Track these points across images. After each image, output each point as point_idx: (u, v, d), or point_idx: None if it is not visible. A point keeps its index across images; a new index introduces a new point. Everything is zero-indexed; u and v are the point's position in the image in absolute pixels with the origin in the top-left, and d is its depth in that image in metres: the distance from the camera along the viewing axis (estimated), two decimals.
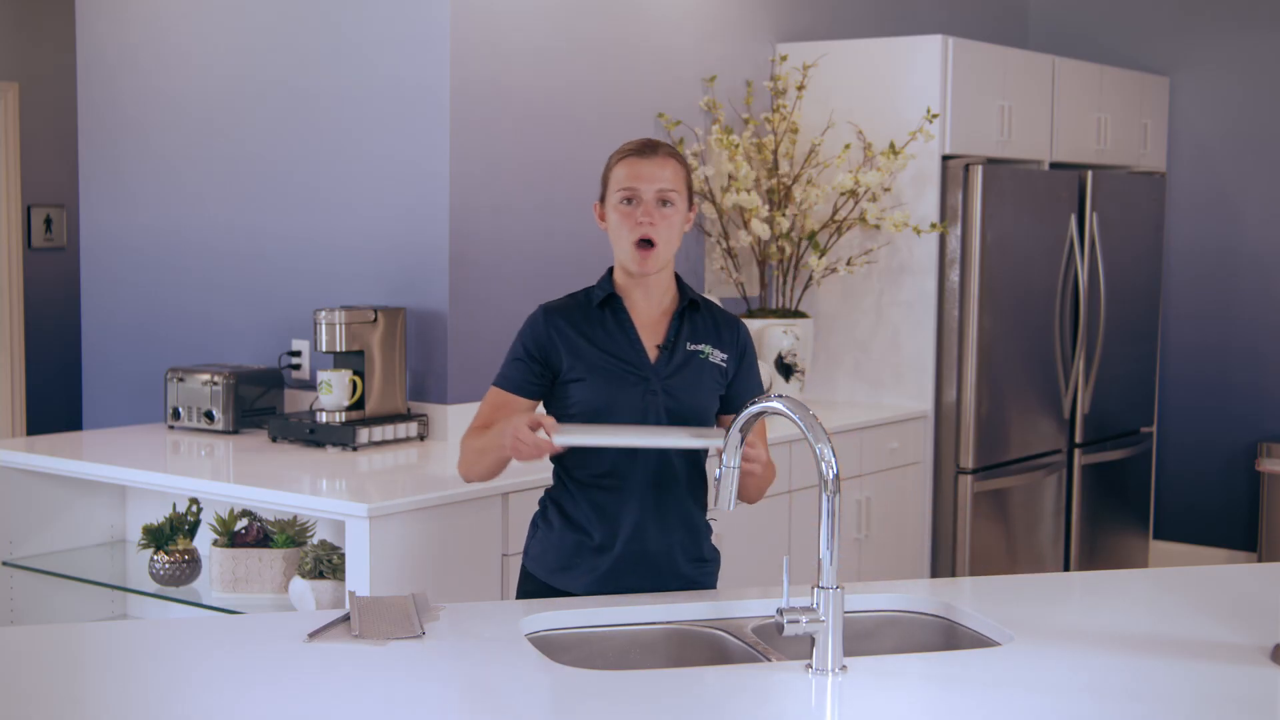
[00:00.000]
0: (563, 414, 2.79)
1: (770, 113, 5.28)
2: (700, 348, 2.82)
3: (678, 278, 2.87)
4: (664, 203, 2.76)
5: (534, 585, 2.86)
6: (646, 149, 2.79)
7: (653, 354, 2.80)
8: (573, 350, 2.77)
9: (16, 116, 6.83)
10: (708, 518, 2.90)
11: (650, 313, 2.83)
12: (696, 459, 2.84)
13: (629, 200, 2.76)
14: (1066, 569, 5.86)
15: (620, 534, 2.78)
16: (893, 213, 5.17)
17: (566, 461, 2.82)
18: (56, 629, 2.52)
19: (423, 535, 3.51)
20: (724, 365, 2.84)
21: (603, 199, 2.83)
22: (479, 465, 2.81)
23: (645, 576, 2.79)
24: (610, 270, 2.86)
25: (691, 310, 2.85)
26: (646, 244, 2.75)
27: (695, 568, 2.85)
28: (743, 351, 2.87)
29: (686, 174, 2.82)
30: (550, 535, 2.84)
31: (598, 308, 2.80)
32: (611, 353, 2.77)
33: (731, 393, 2.86)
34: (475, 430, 2.83)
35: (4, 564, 4.03)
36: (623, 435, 2.69)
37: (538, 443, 2.60)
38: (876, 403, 5.38)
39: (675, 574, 2.82)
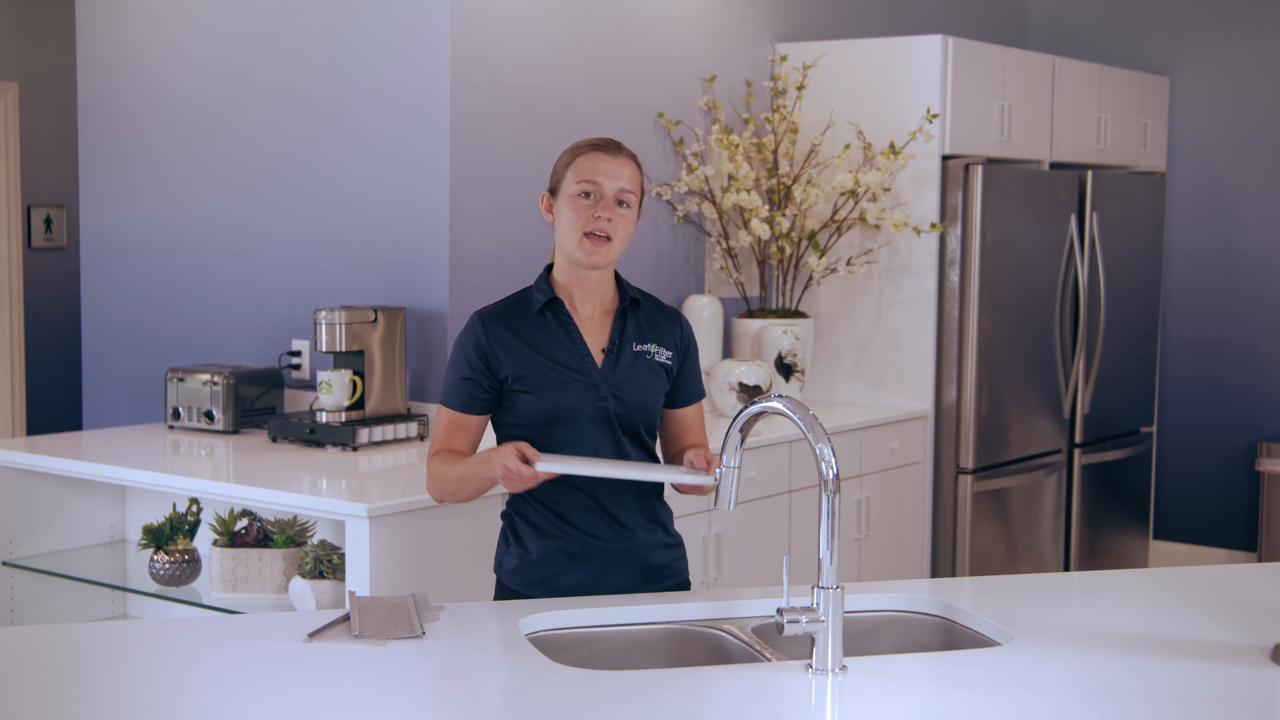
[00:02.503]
0: (512, 423, 2.75)
1: (770, 113, 5.28)
2: (646, 347, 2.79)
3: (617, 275, 2.83)
4: (621, 203, 2.73)
5: (510, 598, 2.81)
6: (610, 146, 2.76)
7: (598, 357, 2.75)
8: (516, 359, 2.72)
9: (16, 116, 6.83)
10: (664, 498, 2.89)
11: (591, 313, 2.78)
12: (649, 449, 2.82)
13: (587, 194, 2.72)
14: (1066, 569, 5.86)
15: (589, 535, 2.75)
16: (893, 213, 5.17)
17: None
18: (56, 629, 2.52)
19: (423, 535, 3.51)
20: (669, 364, 2.81)
21: (553, 191, 2.77)
22: (461, 492, 2.75)
23: (622, 572, 2.76)
24: (547, 270, 2.81)
25: (633, 308, 2.81)
26: (600, 237, 2.71)
27: (667, 553, 2.83)
28: (686, 347, 2.85)
29: (643, 179, 2.80)
30: (523, 550, 2.78)
31: (538, 313, 2.75)
32: (557, 359, 2.72)
33: (675, 389, 2.83)
34: (443, 455, 2.76)
35: (4, 564, 4.03)
36: (607, 468, 2.64)
37: (532, 475, 2.57)
38: (876, 403, 5.38)
39: (649, 564, 2.79)
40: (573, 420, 2.71)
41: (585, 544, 2.75)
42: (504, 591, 2.83)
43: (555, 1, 4.63)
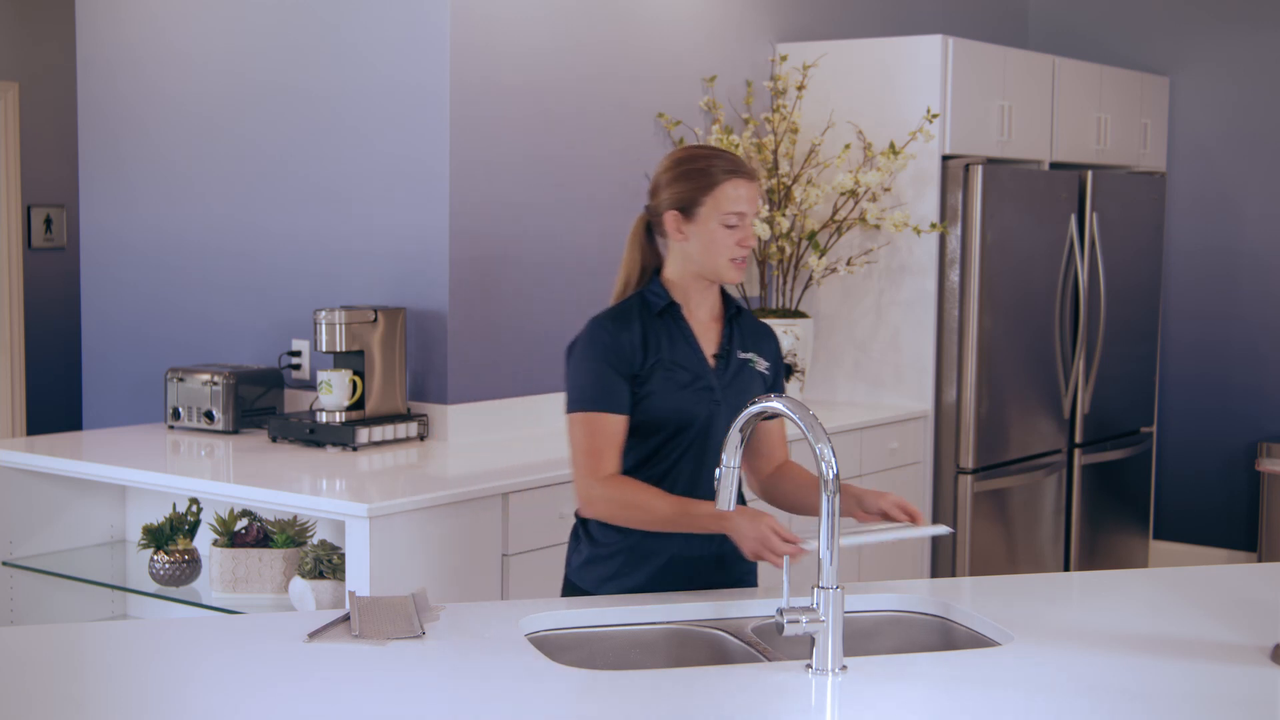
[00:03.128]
0: (630, 425, 2.75)
1: (770, 113, 5.28)
2: (749, 356, 2.83)
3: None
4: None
5: (576, 594, 2.82)
6: (747, 171, 2.76)
7: (710, 362, 2.79)
8: (641, 358, 2.74)
9: (16, 116, 6.83)
10: None
11: (703, 319, 2.82)
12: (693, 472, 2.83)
13: (732, 225, 2.73)
14: (1066, 569, 5.86)
15: (668, 541, 2.75)
16: (893, 213, 5.17)
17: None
18: (56, 629, 2.52)
19: (423, 535, 3.51)
20: (766, 374, 2.85)
21: (687, 209, 2.75)
22: (652, 524, 2.69)
23: (692, 581, 2.77)
24: (656, 277, 2.82)
25: (738, 318, 2.86)
26: (742, 260, 2.76)
27: (743, 571, 2.85)
28: (778, 360, 2.90)
29: None
30: (595, 546, 2.80)
31: (656, 316, 2.77)
32: (678, 362, 2.75)
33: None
34: (621, 482, 2.69)
35: (4, 564, 4.03)
36: (850, 538, 2.59)
37: (794, 551, 2.49)
38: (876, 403, 5.38)
39: (722, 578, 2.81)
40: (688, 425, 2.73)
41: (662, 548, 2.75)
42: (570, 588, 2.84)
43: (555, 1, 4.63)
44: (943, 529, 2.62)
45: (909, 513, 2.67)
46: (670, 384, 2.73)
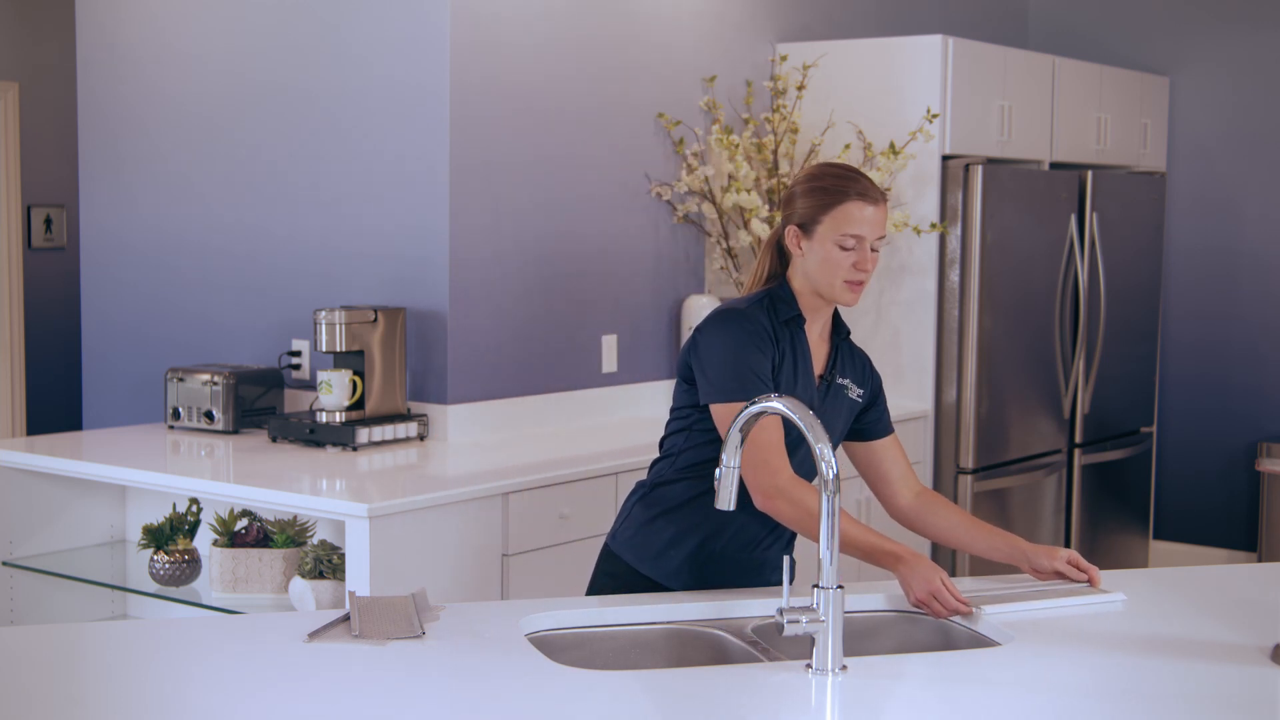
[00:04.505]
0: (712, 426, 2.73)
1: (770, 113, 5.28)
2: (846, 381, 2.83)
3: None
4: (873, 250, 2.74)
5: (619, 568, 2.83)
6: (873, 193, 2.72)
7: (816, 382, 2.79)
8: (775, 360, 2.72)
9: (16, 116, 6.83)
10: None
11: (814, 340, 2.82)
12: (811, 470, 2.83)
13: (849, 247, 2.70)
14: None
15: (724, 531, 2.77)
16: (893, 213, 5.17)
17: (681, 457, 2.79)
18: (56, 629, 2.52)
19: (423, 535, 3.51)
20: (859, 400, 2.85)
21: (804, 227, 2.74)
22: (816, 535, 2.66)
23: (738, 574, 2.79)
24: (785, 285, 2.79)
25: (841, 342, 2.85)
26: (859, 283, 2.73)
27: (778, 575, 2.86)
28: (876, 391, 2.89)
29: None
30: (650, 524, 2.81)
31: (783, 323, 2.75)
32: (795, 373, 2.74)
33: (874, 421, 2.88)
34: (781, 453, 2.66)
35: (4, 564, 4.03)
36: (1030, 603, 2.62)
37: (956, 607, 2.55)
38: None
39: (770, 576, 2.83)
40: (788, 437, 2.71)
41: (717, 538, 2.77)
42: (610, 558, 2.84)
43: (555, 2, 4.63)
44: (1118, 597, 2.64)
45: (1082, 568, 2.70)
46: (784, 392, 2.71)
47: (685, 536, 2.79)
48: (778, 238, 2.84)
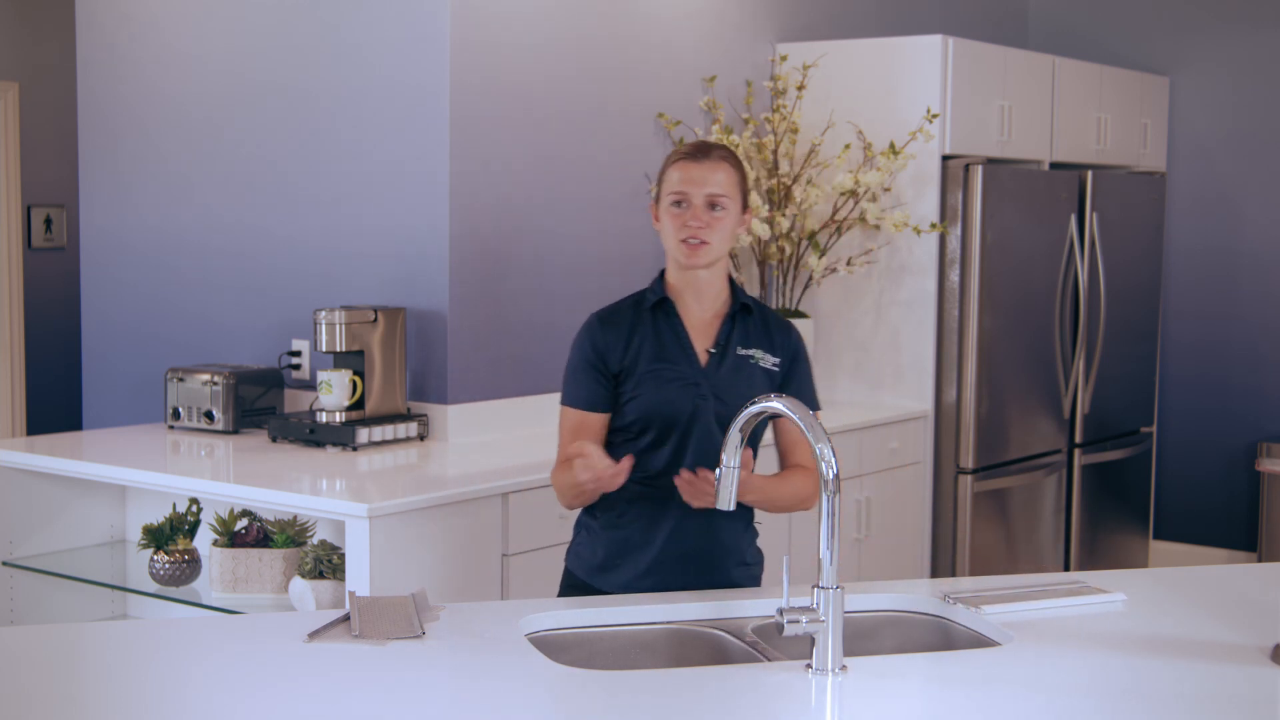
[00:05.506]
0: (621, 426, 2.80)
1: (770, 113, 5.28)
2: (751, 352, 2.83)
3: (731, 281, 2.87)
4: (714, 206, 2.76)
5: (573, 582, 2.89)
6: (699, 152, 2.79)
7: (703, 357, 2.80)
8: (625, 355, 2.79)
9: (16, 116, 6.83)
10: (755, 521, 2.94)
11: (702, 315, 2.83)
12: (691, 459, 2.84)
13: (679, 204, 2.77)
14: (1066, 569, 5.86)
15: (661, 534, 2.79)
16: (893, 213, 5.17)
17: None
18: (56, 629, 2.52)
19: (423, 535, 3.51)
20: (775, 370, 2.84)
21: (657, 199, 2.83)
22: (576, 497, 2.79)
23: (687, 576, 2.80)
24: (662, 273, 2.88)
25: (743, 314, 2.85)
26: (695, 242, 2.76)
27: (740, 571, 2.87)
28: (794, 356, 2.88)
29: (740, 177, 2.81)
30: (594, 536, 2.86)
31: (649, 310, 2.82)
32: (663, 358, 2.78)
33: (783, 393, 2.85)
34: (563, 465, 2.78)
35: (4, 564, 4.03)
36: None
37: (610, 469, 2.63)
38: (876, 403, 5.38)
39: (718, 576, 2.83)
40: (675, 420, 2.75)
41: (655, 540, 2.79)
42: (565, 574, 2.90)
43: (555, 1, 4.63)
44: (1118, 597, 2.64)
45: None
46: (655, 381, 2.76)
47: (621, 546, 2.81)
48: None
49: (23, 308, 6.89)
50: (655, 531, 2.80)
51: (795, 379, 2.88)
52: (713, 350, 2.81)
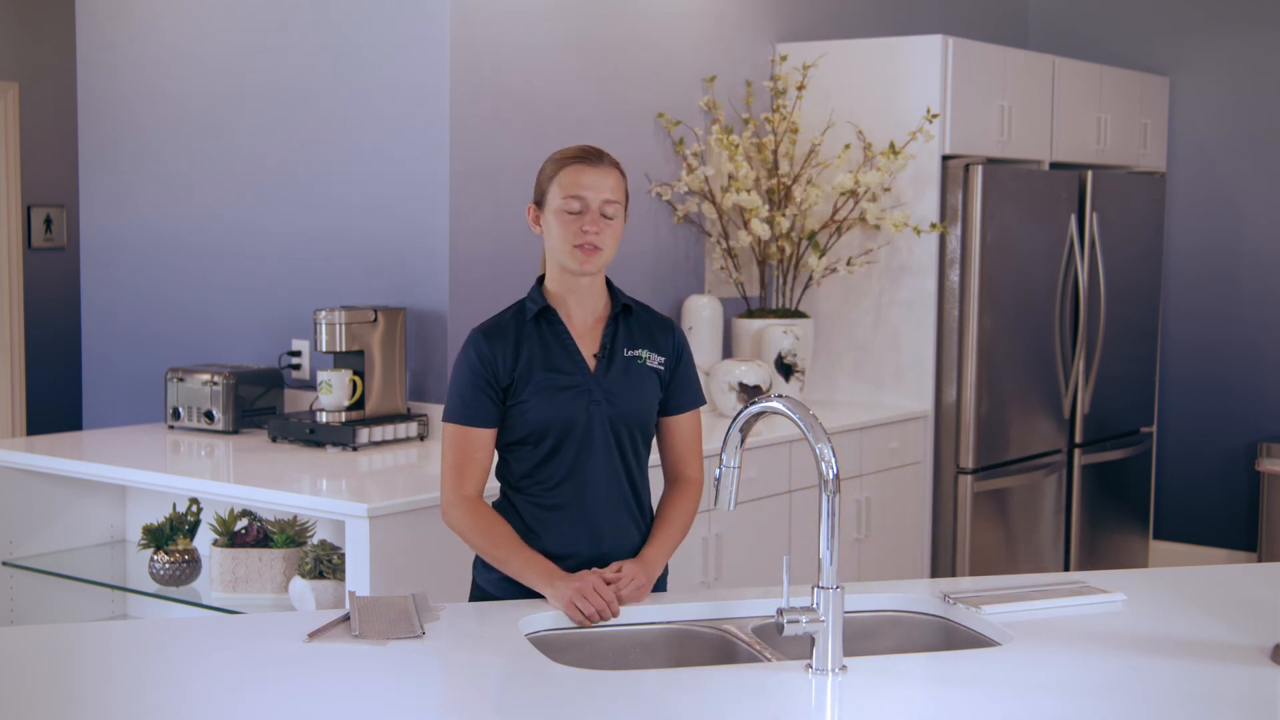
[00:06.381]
0: (513, 440, 2.75)
1: (770, 113, 5.28)
2: (637, 353, 2.79)
3: (609, 282, 2.83)
4: (607, 213, 2.72)
5: (475, 588, 2.83)
6: (592, 156, 2.74)
7: (591, 363, 2.76)
8: (514, 368, 2.73)
9: (16, 116, 6.83)
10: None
11: (584, 320, 2.78)
12: (643, 458, 2.81)
13: (574, 209, 2.70)
14: (1066, 569, 5.86)
15: (578, 542, 2.73)
16: (893, 213, 5.17)
17: (519, 482, 2.77)
18: (56, 629, 2.52)
19: (423, 535, 3.51)
20: (661, 369, 2.81)
21: (539, 203, 2.77)
22: (491, 559, 2.73)
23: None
24: (539, 281, 2.81)
25: (625, 315, 2.81)
26: (590, 248, 2.71)
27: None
28: (679, 353, 2.84)
29: (626, 185, 2.79)
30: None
31: (532, 321, 2.76)
32: (552, 367, 2.73)
33: (669, 396, 2.83)
34: (478, 513, 2.71)
35: (4, 564, 4.03)
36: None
37: (603, 609, 2.55)
38: (876, 403, 5.38)
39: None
40: (570, 428, 2.71)
41: (573, 551, 2.73)
42: (483, 597, 2.81)
43: (555, 1, 4.63)
44: (1118, 597, 2.64)
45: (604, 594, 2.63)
46: (546, 390, 2.71)
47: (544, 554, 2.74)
48: None
49: (23, 308, 6.89)
50: (571, 542, 2.73)
51: (681, 377, 2.84)
52: (599, 355, 2.76)
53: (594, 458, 2.73)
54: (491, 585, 2.77)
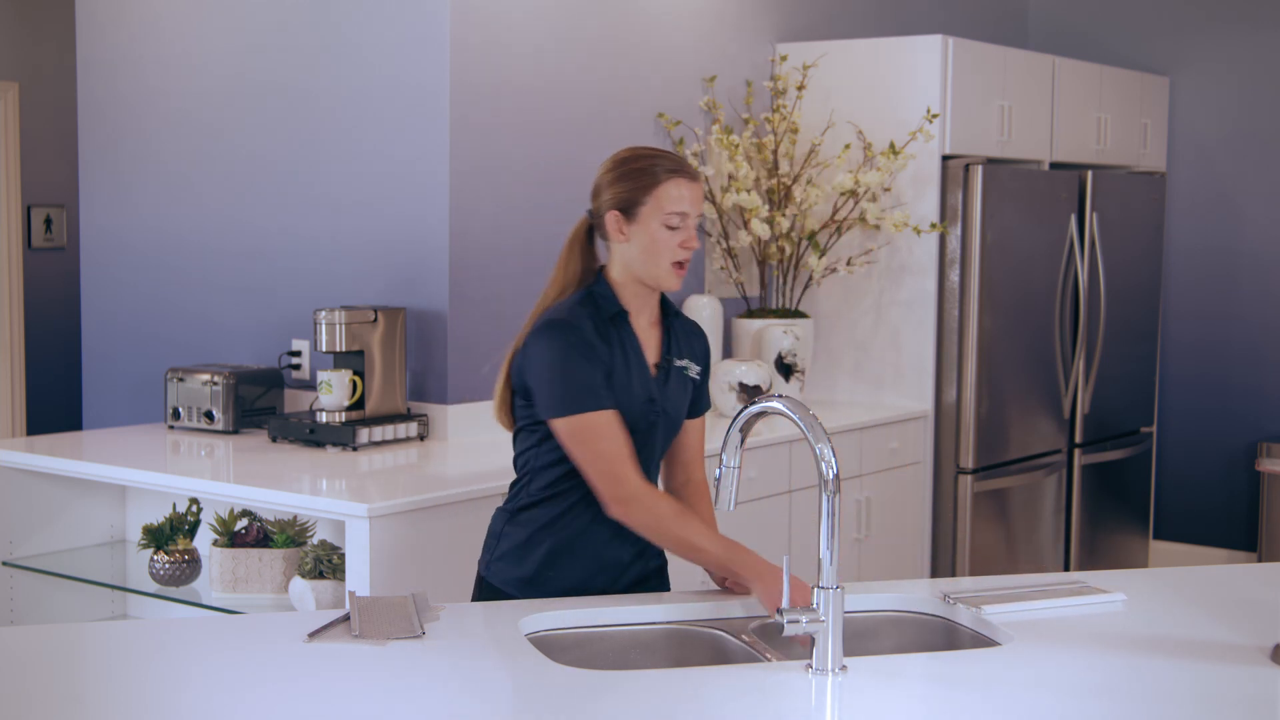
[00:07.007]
0: None
1: (770, 113, 5.28)
2: (684, 363, 2.78)
3: None
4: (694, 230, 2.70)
5: (497, 598, 2.76)
6: (690, 170, 2.68)
7: (652, 371, 2.73)
8: (609, 365, 2.67)
9: (16, 116, 6.83)
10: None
11: (644, 327, 2.75)
12: (656, 468, 2.81)
13: (674, 225, 2.65)
14: (1066, 569, 5.86)
15: (591, 542, 2.72)
16: (893, 213, 5.17)
17: (536, 478, 2.72)
18: (56, 629, 2.52)
19: (423, 535, 3.51)
20: (697, 380, 2.81)
21: (628, 210, 2.68)
22: (678, 551, 2.65)
23: (615, 584, 2.75)
24: (602, 281, 2.73)
25: (673, 323, 2.80)
26: (684, 263, 2.68)
27: (658, 575, 2.84)
28: (706, 362, 2.85)
29: None
30: (521, 549, 2.73)
31: (607, 321, 2.69)
32: (628, 372, 2.68)
33: (691, 400, 2.83)
34: (677, 507, 2.62)
35: (4, 564, 4.03)
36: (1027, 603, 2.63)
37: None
38: (876, 403, 5.38)
39: (641, 586, 2.80)
40: (636, 433, 2.68)
41: (584, 547, 2.73)
42: (483, 589, 2.78)
43: (555, 1, 4.63)
44: (1118, 597, 2.64)
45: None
46: (625, 394, 2.66)
47: (558, 559, 2.71)
48: (586, 232, 2.77)
49: (23, 308, 6.89)
50: (591, 541, 2.71)
51: (704, 383, 2.85)
52: (659, 364, 2.74)
53: (649, 462, 2.73)
54: (511, 585, 2.73)
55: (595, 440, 2.60)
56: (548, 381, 2.63)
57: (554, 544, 2.72)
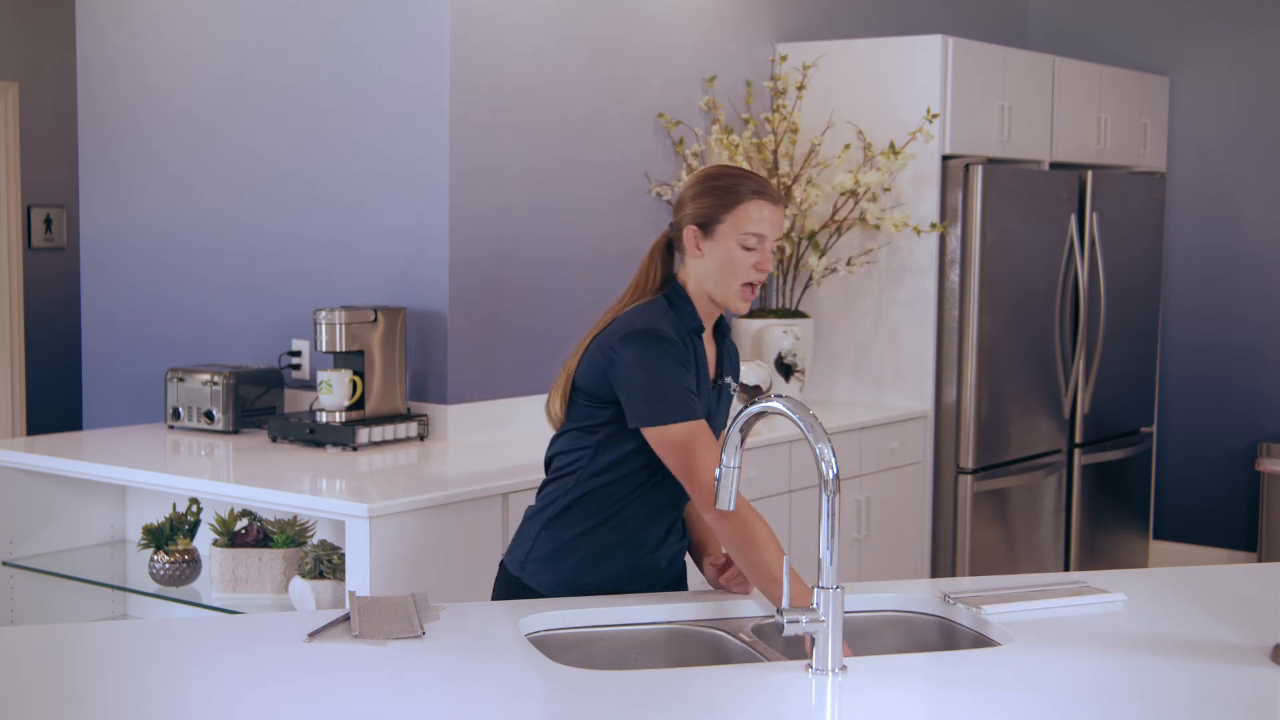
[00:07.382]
0: (639, 447, 2.65)
1: (770, 113, 5.28)
2: (728, 380, 2.81)
3: None
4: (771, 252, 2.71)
5: (527, 596, 2.74)
6: (773, 192, 2.67)
7: (711, 385, 2.76)
8: (695, 377, 2.67)
9: (16, 116, 6.83)
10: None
11: (707, 342, 2.76)
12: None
13: (750, 246, 2.64)
14: (1066, 569, 5.86)
15: (627, 547, 2.73)
16: (893, 213, 5.17)
17: (590, 475, 2.70)
18: (56, 629, 2.52)
19: (423, 535, 3.51)
20: (734, 393, 2.85)
21: (707, 226, 2.66)
22: (751, 572, 2.59)
23: (652, 587, 2.77)
24: (681, 293, 2.71)
25: (723, 341, 2.81)
26: (756, 285, 2.68)
27: (681, 565, 2.86)
28: (736, 377, 2.88)
29: None
30: (562, 549, 2.71)
31: (688, 333, 2.68)
32: (699, 383, 2.68)
33: None
34: (754, 514, 2.59)
35: (4, 564, 4.03)
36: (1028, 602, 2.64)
37: None
38: (876, 403, 5.38)
39: (672, 585, 2.82)
40: None
41: (620, 552, 2.74)
42: (513, 586, 2.75)
43: (555, 1, 4.63)
44: (1118, 597, 2.64)
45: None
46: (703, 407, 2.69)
47: (599, 560, 2.71)
48: (666, 243, 2.75)
49: (23, 308, 6.89)
50: (627, 546, 2.71)
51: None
52: (716, 379, 2.77)
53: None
54: (547, 587, 2.69)
55: (698, 449, 2.58)
56: (645, 388, 2.60)
57: (601, 545, 2.71)
